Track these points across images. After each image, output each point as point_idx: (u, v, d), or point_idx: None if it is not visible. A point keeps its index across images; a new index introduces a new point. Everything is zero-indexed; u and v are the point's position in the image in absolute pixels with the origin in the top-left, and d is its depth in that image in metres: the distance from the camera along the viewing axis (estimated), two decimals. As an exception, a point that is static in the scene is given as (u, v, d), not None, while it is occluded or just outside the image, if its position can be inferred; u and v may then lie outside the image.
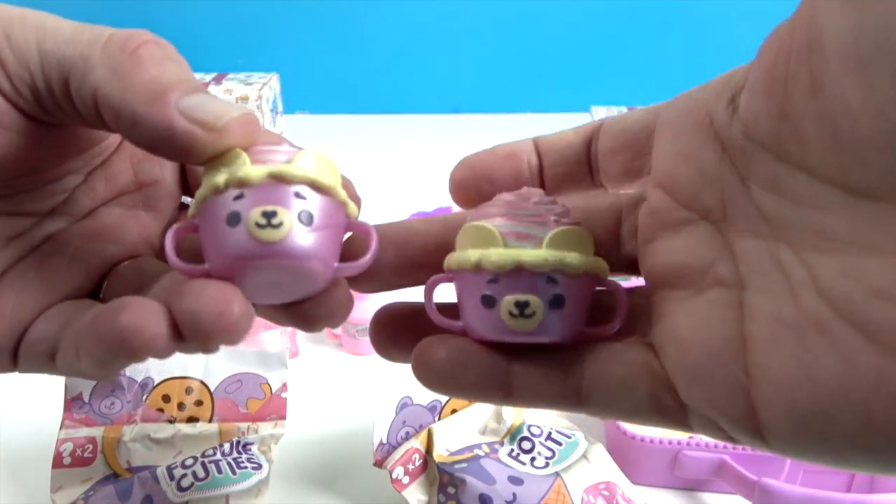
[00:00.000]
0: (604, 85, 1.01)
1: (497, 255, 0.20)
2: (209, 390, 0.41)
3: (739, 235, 0.19)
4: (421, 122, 1.00)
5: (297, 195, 0.19)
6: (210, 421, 0.41)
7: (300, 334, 0.55)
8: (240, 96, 0.63)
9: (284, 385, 0.42)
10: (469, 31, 0.99)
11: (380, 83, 1.03)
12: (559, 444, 0.40)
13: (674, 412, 0.20)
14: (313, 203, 0.19)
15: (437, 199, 0.74)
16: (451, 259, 0.21)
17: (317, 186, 0.20)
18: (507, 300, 0.20)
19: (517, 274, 0.20)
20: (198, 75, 0.67)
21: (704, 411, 0.19)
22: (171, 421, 0.41)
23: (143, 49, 0.21)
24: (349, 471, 0.43)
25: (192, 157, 0.20)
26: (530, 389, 0.21)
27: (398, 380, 0.52)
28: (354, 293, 0.54)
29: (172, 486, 0.37)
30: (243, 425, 0.41)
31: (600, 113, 0.83)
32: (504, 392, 0.21)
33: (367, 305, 0.52)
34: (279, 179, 0.19)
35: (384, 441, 0.38)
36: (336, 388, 0.51)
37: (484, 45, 1.00)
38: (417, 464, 0.38)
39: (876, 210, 0.16)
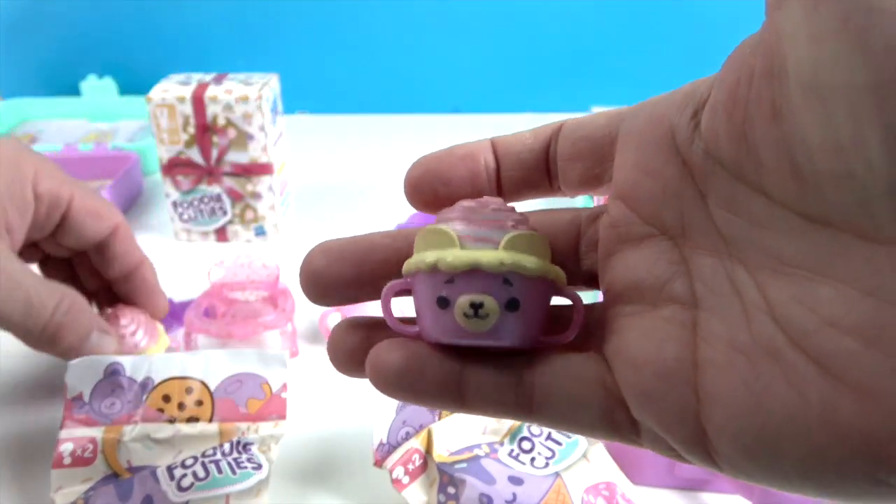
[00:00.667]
0: (604, 85, 1.01)
1: (453, 256, 0.20)
2: (209, 390, 0.41)
3: (697, 253, 0.19)
4: (421, 122, 1.00)
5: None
6: (210, 421, 0.41)
7: (300, 334, 0.55)
8: (240, 96, 0.63)
9: (284, 385, 0.42)
10: (469, 31, 0.99)
11: (380, 83, 1.03)
12: (559, 443, 0.40)
13: (626, 428, 0.20)
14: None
15: (437, 199, 0.74)
16: (409, 262, 0.21)
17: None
18: (462, 301, 0.20)
19: (473, 275, 0.20)
20: (198, 75, 0.67)
21: (655, 430, 0.19)
22: (172, 421, 0.41)
23: None
24: (349, 471, 0.44)
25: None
26: (482, 397, 0.21)
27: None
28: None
29: (173, 485, 0.37)
30: (243, 425, 0.41)
31: (600, 113, 0.83)
32: (457, 400, 0.21)
33: (367, 305, 0.53)
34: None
35: (384, 441, 0.38)
36: (336, 388, 0.51)
37: (484, 45, 1.00)
38: (417, 464, 0.38)
39: (832, 238, 0.16)
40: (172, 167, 0.66)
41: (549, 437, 0.40)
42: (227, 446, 0.39)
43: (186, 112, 0.64)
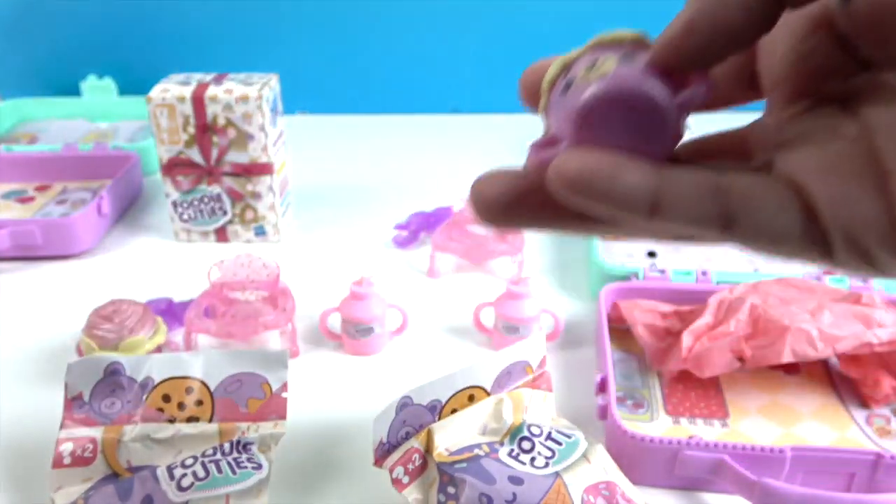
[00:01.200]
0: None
1: (573, 51, 0.21)
2: (209, 390, 0.41)
3: (866, 104, 0.20)
4: (421, 122, 1.00)
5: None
6: (210, 421, 0.41)
7: (300, 334, 0.55)
8: (240, 96, 0.63)
9: (285, 385, 0.42)
10: (469, 31, 0.99)
11: (380, 83, 1.03)
12: (559, 443, 0.40)
13: (820, 241, 0.20)
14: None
15: (437, 198, 0.74)
16: (542, 86, 0.21)
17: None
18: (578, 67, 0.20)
19: (592, 50, 0.20)
20: (198, 75, 0.67)
21: (852, 234, 0.19)
22: (172, 420, 0.40)
23: None
24: (349, 471, 0.43)
25: None
26: (679, 205, 0.19)
27: (398, 379, 0.52)
28: (355, 295, 0.54)
29: (173, 485, 0.37)
30: (243, 425, 0.41)
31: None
32: (648, 210, 0.19)
33: (368, 305, 0.53)
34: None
35: (384, 441, 0.38)
36: (336, 388, 0.51)
37: (484, 45, 1.00)
38: (417, 463, 0.38)
39: None
40: (172, 167, 0.66)
41: (548, 437, 0.40)
42: (227, 446, 0.39)
43: (186, 112, 0.64)
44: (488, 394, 0.41)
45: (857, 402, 0.48)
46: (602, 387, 0.45)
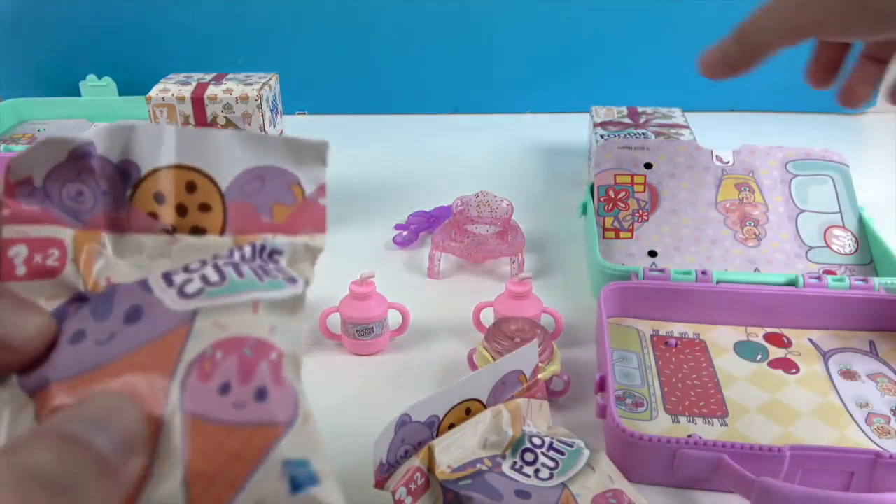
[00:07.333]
0: (604, 85, 1.01)
1: None
2: (219, 189, 0.28)
3: None
4: (421, 122, 1.00)
5: None
6: (222, 233, 0.28)
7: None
8: (240, 96, 0.63)
9: (322, 187, 0.29)
10: (469, 31, 0.99)
11: (380, 83, 1.03)
12: (562, 453, 0.40)
13: None
14: None
15: (437, 198, 0.74)
16: None
17: None
18: None
19: None
20: (197, 75, 0.67)
21: None
22: (169, 232, 0.28)
23: None
24: (350, 491, 0.43)
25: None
26: None
27: (398, 380, 0.52)
28: (355, 295, 0.54)
29: (171, 292, 0.25)
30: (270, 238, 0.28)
31: (600, 113, 0.83)
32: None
33: (368, 305, 0.53)
34: None
35: (384, 461, 0.37)
36: (336, 388, 0.51)
37: (484, 45, 1.00)
38: (420, 483, 0.37)
39: None
40: (172, 167, 0.66)
41: (551, 447, 0.40)
42: (247, 250, 0.28)
43: (186, 112, 0.64)
44: (485, 406, 0.41)
45: (856, 400, 0.48)
46: (601, 386, 0.45)
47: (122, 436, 0.19)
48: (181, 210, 0.28)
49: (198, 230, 0.28)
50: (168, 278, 0.25)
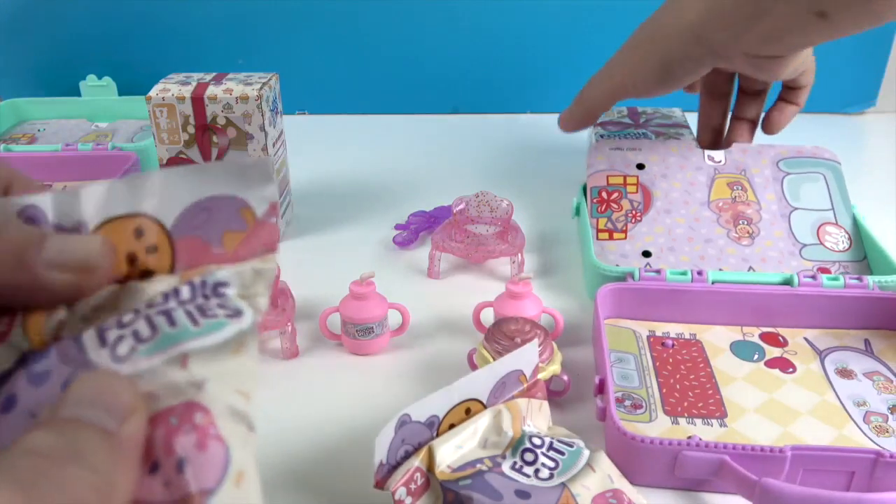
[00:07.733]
0: (603, 85, 1.01)
1: None
2: (165, 229, 0.27)
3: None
4: (421, 122, 1.00)
5: None
6: (171, 271, 0.27)
7: (300, 334, 0.56)
8: (240, 96, 0.63)
9: (273, 206, 0.28)
10: (469, 31, 0.99)
11: (380, 83, 1.03)
12: (562, 453, 0.40)
13: None
14: None
15: (437, 198, 0.74)
16: None
17: None
18: None
19: None
20: (197, 75, 0.67)
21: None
22: (121, 282, 0.27)
23: None
24: (350, 491, 0.43)
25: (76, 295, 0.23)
26: None
27: (399, 380, 0.52)
28: (355, 295, 0.54)
29: (104, 354, 0.23)
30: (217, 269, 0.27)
31: (600, 113, 0.83)
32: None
33: (368, 305, 0.53)
34: None
35: (384, 461, 0.37)
36: (336, 388, 0.51)
37: (484, 45, 1.00)
38: (419, 483, 0.37)
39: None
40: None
41: (551, 448, 0.40)
42: (184, 290, 0.26)
43: (186, 112, 0.64)
44: (485, 406, 0.41)
45: (853, 399, 0.48)
46: (600, 388, 0.45)
47: (117, 405, 0.20)
48: (131, 259, 0.27)
49: (146, 273, 0.27)
50: (102, 336, 0.24)
